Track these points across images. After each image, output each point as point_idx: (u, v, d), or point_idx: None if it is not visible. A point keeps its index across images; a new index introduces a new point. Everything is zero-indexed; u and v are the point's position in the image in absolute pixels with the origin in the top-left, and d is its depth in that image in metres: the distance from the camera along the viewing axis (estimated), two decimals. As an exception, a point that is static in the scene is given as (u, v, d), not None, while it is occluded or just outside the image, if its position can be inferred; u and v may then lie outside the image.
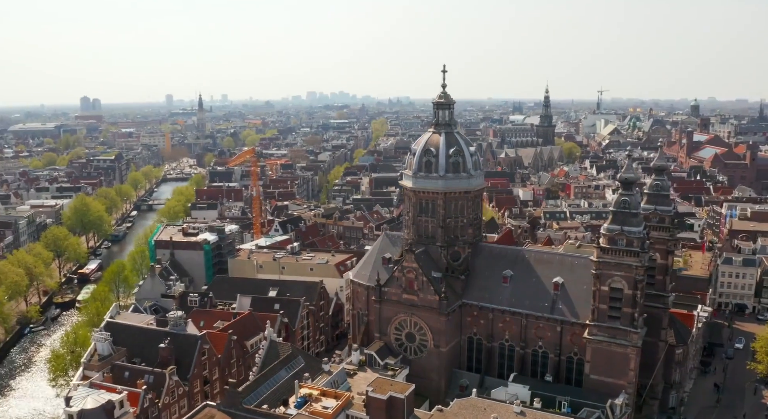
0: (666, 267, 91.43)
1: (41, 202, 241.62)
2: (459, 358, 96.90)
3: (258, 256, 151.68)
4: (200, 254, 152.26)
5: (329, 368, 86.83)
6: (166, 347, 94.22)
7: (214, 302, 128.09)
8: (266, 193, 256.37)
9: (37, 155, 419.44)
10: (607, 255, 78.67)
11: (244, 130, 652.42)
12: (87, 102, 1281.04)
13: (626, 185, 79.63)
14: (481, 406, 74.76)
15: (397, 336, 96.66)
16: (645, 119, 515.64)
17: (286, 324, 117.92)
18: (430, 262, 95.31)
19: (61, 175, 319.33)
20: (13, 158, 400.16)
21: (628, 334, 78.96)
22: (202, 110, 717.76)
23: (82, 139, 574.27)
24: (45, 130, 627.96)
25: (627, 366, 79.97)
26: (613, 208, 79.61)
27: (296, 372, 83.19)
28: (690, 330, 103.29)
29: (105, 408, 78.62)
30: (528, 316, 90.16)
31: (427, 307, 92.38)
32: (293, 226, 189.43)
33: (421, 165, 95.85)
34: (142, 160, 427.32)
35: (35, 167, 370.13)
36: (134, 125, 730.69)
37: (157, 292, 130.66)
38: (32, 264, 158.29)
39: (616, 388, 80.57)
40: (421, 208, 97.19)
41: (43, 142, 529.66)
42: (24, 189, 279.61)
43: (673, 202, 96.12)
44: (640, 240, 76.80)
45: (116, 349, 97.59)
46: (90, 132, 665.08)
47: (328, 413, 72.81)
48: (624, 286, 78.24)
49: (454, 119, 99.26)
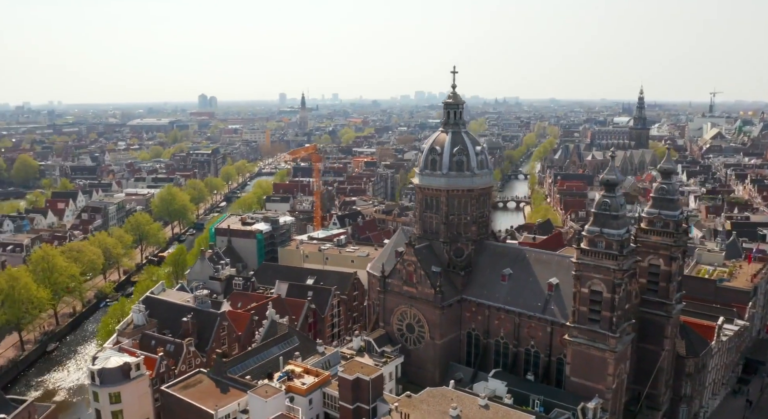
0: (669, 274, 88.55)
1: (135, 191, 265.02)
2: (458, 352, 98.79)
3: (305, 247, 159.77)
4: (253, 242, 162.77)
5: (323, 350, 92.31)
6: (188, 321, 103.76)
7: (256, 286, 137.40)
8: (339, 188, 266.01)
9: (146, 148, 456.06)
10: (587, 257, 78.08)
11: (342, 128, 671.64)
12: (204, 99, 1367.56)
13: (608, 187, 78.56)
14: (449, 396, 77.04)
15: (399, 326, 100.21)
16: (757, 123, 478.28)
17: (314, 310, 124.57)
18: (432, 257, 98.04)
19: (161, 166, 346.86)
20: (124, 150, 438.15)
21: (606, 338, 77.90)
22: (305, 108, 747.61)
23: (191, 134, 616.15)
24: (159, 125, 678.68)
25: (605, 370, 78.71)
26: (594, 210, 78.87)
27: (288, 350, 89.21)
28: (707, 343, 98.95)
29: (122, 368, 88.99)
30: (521, 315, 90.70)
31: (424, 300, 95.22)
32: (351, 221, 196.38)
33: (427, 162, 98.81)
34: (239, 154, 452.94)
35: (143, 159, 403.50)
36: (241, 122, 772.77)
37: (206, 275, 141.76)
38: (111, 246, 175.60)
39: (594, 392, 79.62)
40: (426, 205, 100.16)
41: (155, 136, 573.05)
42: (126, 178, 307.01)
43: (680, 207, 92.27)
44: (619, 243, 75.65)
45: (149, 320, 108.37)
46: (201, 128, 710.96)
47: (302, 388, 78.32)
48: (603, 289, 77.37)
49: (462, 119, 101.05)
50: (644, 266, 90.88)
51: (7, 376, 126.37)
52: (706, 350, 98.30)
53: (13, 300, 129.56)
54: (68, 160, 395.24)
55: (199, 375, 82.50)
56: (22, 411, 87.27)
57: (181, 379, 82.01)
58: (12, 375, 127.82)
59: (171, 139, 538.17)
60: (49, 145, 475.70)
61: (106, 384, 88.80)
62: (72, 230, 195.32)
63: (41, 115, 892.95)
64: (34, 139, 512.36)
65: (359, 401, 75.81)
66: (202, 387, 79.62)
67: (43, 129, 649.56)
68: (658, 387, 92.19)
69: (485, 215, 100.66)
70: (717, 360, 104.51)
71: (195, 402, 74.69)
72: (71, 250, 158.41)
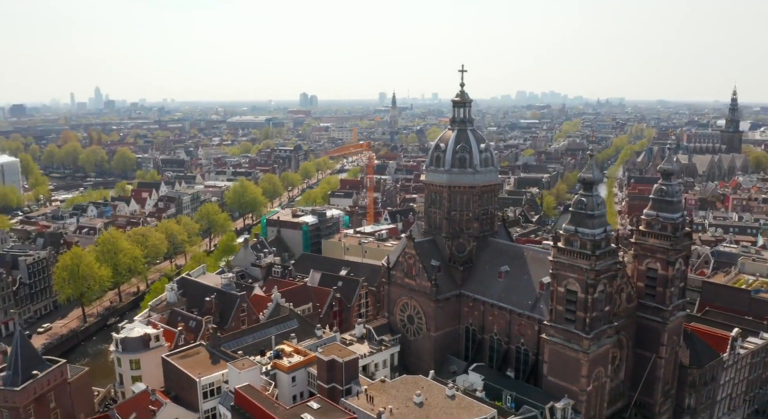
0: (666, 279, 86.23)
1: (214, 183, 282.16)
2: (457, 346, 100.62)
3: (348, 240, 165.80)
4: (299, 233, 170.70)
5: (321, 334, 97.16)
6: (211, 300, 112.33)
7: (293, 274, 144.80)
8: (404, 186, 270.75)
9: (238, 144, 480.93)
10: (563, 255, 77.83)
11: (431, 128, 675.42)
12: (305, 98, 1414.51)
13: (586, 185, 77.86)
14: (421, 384, 79.55)
15: (401, 316, 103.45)
16: None
17: (340, 299, 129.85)
18: (433, 251, 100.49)
19: (245, 161, 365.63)
20: (216, 145, 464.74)
21: (580, 339, 77.40)
22: (395, 107, 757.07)
23: (284, 131, 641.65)
24: (256, 122, 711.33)
25: (579, 371, 78.29)
26: (571, 209, 78.55)
27: (286, 331, 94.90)
28: (717, 354, 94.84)
29: (143, 339, 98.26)
30: (512, 312, 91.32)
31: (422, 292, 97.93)
32: (402, 217, 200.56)
33: (432, 159, 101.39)
34: (323, 151, 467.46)
35: (232, 154, 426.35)
36: (334, 120, 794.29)
37: (249, 261, 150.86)
38: (177, 232, 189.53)
39: (570, 393, 79.37)
40: (431, 200, 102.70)
41: (250, 132, 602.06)
42: (210, 171, 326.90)
43: (681, 210, 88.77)
44: (593, 243, 75.03)
45: (180, 299, 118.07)
46: (295, 125, 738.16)
47: (285, 365, 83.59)
48: (578, 289, 77.06)
49: (470, 117, 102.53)
50: (642, 269, 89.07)
51: (68, 344, 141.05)
52: (714, 362, 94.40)
53: (76, 277, 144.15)
54: (165, 153, 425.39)
55: (199, 347, 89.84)
56: (54, 371, 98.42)
57: (182, 350, 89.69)
58: (72, 343, 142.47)
59: (263, 135, 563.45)
60: (151, 139, 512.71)
61: (127, 352, 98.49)
62: (147, 217, 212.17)
63: (152, 112, 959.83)
64: (138, 133, 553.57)
65: (334, 381, 79.79)
66: (198, 357, 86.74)
67: (149, 124, 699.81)
68: (654, 395, 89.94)
69: (489, 212, 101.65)
70: (733, 375, 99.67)
71: (185, 369, 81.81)
72: (136, 235, 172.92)
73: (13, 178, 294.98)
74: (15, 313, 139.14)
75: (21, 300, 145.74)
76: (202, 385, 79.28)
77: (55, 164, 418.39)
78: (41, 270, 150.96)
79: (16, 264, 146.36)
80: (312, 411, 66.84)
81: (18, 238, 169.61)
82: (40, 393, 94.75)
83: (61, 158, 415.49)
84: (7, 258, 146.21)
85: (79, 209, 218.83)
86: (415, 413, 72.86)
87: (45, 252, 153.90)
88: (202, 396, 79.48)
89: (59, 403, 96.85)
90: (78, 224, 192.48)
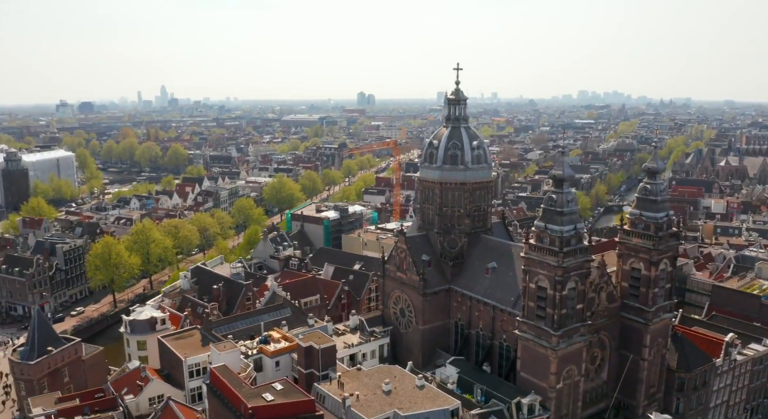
0: (649, 279, 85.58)
1: (255, 179, 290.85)
2: (447, 340, 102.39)
3: (367, 236, 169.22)
4: (321, 228, 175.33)
5: (313, 323, 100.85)
6: (218, 288, 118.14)
7: (309, 267, 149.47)
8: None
9: (287, 142, 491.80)
10: (534, 252, 78.61)
11: (482, 127, 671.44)
12: (362, 97, 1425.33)
13: (556, 182, 78.18)
14: (394, 373, 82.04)
15: (394, 309, 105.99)
16: None
17: (349, 292, 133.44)
18: (425, 246, 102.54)
19: (289, 158, 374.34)
20: (267, 143, 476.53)
21: (549, 336, 78.06)
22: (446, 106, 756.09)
23: (336, 129, 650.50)
24: (310, 120, 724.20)
25: (548, 368, 78.93)
26: (542, 205, 79.26)
27: (277, 319, 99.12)
28: (710, 359, 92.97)
29: (149, 321, 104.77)
30: (495, 308, 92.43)
31: (411, 286, 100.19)
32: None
33: (426, 156, 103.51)
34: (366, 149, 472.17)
35: (281, 151, 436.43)
36: (387, 119, 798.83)
37: (268, 253, 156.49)
38: (209, 225, 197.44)
39: (540, 389, 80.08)
40: (425, 196, 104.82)
41: (302, 130, 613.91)
42: (255, 168, 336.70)
43: (665, 209, 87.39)
44: (561, 240, 75.54)
45: (192, 286, 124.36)
46: (349, 124, 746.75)
47: (270, 351, 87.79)
48: (547, 286, 77.85)
49: (465, 114, 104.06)
50: (626, 269, 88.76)
51: (97, 327, 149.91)
52: (706, 367, 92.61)
53: (107, 264, 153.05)
54: (218, 150, 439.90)
55: (194, 330, 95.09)
56: (69, 348, 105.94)
57: (177, 332, 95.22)
58: (101, 326, 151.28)
59: (313, 133, 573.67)
60: (206, 136, 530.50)
61: (135, 333, 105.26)
62: (184, 210, 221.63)
63: (213, 110, 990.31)
64: (194, 130, 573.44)
65: (312, 367, 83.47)
66: (190, 340, 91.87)
67: (207, 122, 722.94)
68: (637, 398, 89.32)
69: (482, 209, 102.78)
70: (730, 381, 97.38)
71: (174, 349, 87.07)
72: (169, 226, 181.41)
73: (69, 171, 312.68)
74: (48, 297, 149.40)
75: (57, 285, 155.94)
76: (188, 365, 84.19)
77: (113, 159, 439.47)
78: (77, 258, 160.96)
79: (54, 251, 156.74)
80: (274, 392, 70.38)
81: (61, 228, 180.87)
82: (54, 368, 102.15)
83: (118, 153, 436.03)
84: (46, 246, 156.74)
85: (122, 201, 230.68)
86: (381, 400, 75.50)
87: (81, 241, 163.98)
88: (188, 375, 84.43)
89: (73, 378, 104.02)
90: (117, 215, 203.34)
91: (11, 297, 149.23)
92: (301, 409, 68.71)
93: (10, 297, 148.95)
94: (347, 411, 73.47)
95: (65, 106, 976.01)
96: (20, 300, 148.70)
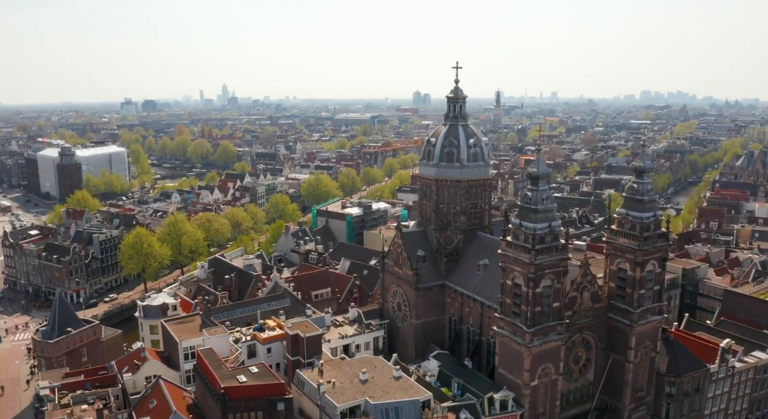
0: (634, 280, 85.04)
1: (295, 176, 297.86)
2: (441, 335, 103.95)
3: (388, 232, 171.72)
4: (343, 224, 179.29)
5: (311, 313, 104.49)
6: (230, 278, 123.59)
7: (328, 261, 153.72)
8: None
9: (335, 140, 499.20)
10: (510, 249, 79.59)
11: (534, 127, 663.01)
12: (418, 96, 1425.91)
13: (532, 180, 78.78)
14: (375, 364, 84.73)
15: (392, 303, 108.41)
16: None
17: (360, 286, 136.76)
18: (422, 242, 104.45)
19: (333, 156, 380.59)
20: (315, 141, 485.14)
21: (524, 333, 78.91)
22: (499, 106, 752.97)
23: (386, 128, 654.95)
24: (361, 119, 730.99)
25: (522, 365, 79.67)
26: (519, 202, 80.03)
27: (276, 308, 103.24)
28: (703, 365, 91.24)
29: (161, 307, 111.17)
30: (483, 305, 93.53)
31: (406, 280, 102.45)
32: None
33: (424, 153, 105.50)
34: (415, 148, 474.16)
35: (328, 149, 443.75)
36: (436, 118, 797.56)
37: (288, 247, 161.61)
38: (242, 219, 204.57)
39: (514, 386, 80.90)
40: (423, 193, 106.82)
41: (351, 129, 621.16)
42: (299, 165, 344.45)
43: (653, 209, 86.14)
44: (534, 238, 76.17)
45: (208, 275, 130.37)
46: (400, 123, 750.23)
47: (262, 337, 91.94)
48: (522, 283, 78.74)
49: (464, 112, 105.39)
50: (613, 269, 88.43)
51: (127, 313, 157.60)
52: (699, 372, 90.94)
53: (139, 254, 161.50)
54: (267, 147, 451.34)
55: (196, 316, 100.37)
56: (87, 330, 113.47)
57: (180, 317, 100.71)
58: (131, 312, 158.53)
59: (362, 131, 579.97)
60: (258, 133, 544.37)
61: (147, 318, 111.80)
62: (221, 205, 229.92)
63: (270, 108, 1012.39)
64: (248, 128, 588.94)
65: (298, 354, 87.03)
66: (191, 325, 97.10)
67: (262, 120, 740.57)
68: (622, 400, 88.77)
69: (479, 206, 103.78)
70: (728, 389, 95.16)
71: (173, 333, 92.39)
72: (201, 219, 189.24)
73: (120, 166, 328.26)
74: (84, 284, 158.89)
75: (93, 273, 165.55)
76: (183, 347, 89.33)
77: (168, 155, 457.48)
78: (112, 247, 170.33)
79: (91, 240, 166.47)
80: (249, 375, 74.45)
81: (102, 219, 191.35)
82: (72, 347, 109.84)
83: (172, 150, 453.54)
84: (84, 235, 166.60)
85: (164, 195, 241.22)
86: (356, 388, 78.26)
87: (117, 231, 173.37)
88: (183, 357, 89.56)
89: (91, 358, 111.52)
90: (155, 208, 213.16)
91: (50, 282, 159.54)
92: (272, 391, 72.60)
93: (49, 283, 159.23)
94: (321, 396, 76.70)
95: (129, 104, 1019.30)
96: (58, 286, 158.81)
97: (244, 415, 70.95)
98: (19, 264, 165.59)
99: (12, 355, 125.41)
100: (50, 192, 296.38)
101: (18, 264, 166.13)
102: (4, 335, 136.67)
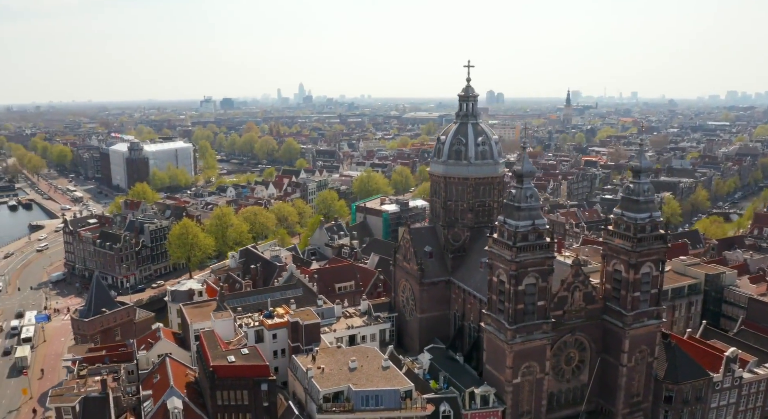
0: (628, 282, 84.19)
1: (349, 173, 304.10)
2: (446, 330, 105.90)
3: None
4: (380, 220, 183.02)
5: (322, 303, 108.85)
6: (255, 268, 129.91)
7: (359, 256, 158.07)
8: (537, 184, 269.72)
9: (397, 138, 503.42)
10: (495, 246, 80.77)
11: (604, 127, 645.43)
12: (491, 95, 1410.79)
13: (518, 178, 79.39)
14: (367, 354, 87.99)
15: (402, 297, 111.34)
16: None
17: (385, 281, 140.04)
18: (431, 238, 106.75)
19: (391, 155, 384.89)
20: (378, 139, 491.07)
21: (506, 330, 79.93)
22: (569, 106, 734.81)
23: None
24: (429, 118, 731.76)
25: (505, 362, 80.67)
26: (505, 200, 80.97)
27: (287, 297, 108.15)
28: (706, 373, 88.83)
29: (188, 292, 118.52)
30: (482, 302, 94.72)
31: (412, 275, 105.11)
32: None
33: (435, 151, 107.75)
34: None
35: (390, 148, 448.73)
36: (507, 117, 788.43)
37: (322, 241, 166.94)
38: (287, 213, 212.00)
39: (498, 382, 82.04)
40: (433, 190, 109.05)
41: (418, 127, 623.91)
42: (357, 162, 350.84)
43: (649, 210, 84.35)
44: (516, 235, 76.94)
45: (238, 264, 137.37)
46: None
47: (268, 323, 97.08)
48: (505, 280, 79.81)
49: (476, 111, 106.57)
50: (609, 271, 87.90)
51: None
52: (701, 381, 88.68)
53: (185, 243, 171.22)
54: (331, 145, 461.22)
55: (212, 302, 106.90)
56: (121, 311, 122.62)
57: (198, 302, 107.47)
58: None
59: (426, 130, 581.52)
60: (324, 131, 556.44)
61: (175, 302, 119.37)
62: (271, 200, 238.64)
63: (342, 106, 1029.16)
64: (316, 126, 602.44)
65: (297, 341, 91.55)
66: (206, 309, 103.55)
67: (332, 118, 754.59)
68: (615, 404, 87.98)
69: (487, 204, 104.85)
70: (735, 400, 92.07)
71: (187, 316, 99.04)
72: (247, 213, 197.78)
73: (186, 161, 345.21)
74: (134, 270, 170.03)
75: (143, 260, 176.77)
76: (193, 329, 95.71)
77: (236, 151, 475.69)
78: (161, 237, 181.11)
79: (142, 229, 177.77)
80: (239, 356, 79.55)
81: (157, 210, 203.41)
82: (107, 326, 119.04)
83: (240, 146, 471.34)
84: (136, 224, 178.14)
85: (220, 189, 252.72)
86: (343, 375, 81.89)
87: (167, 222, 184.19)
88: (194, 338, 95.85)
89: (124, 337, 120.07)
90: (207, 201, 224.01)
91: (103, 268, 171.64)
92: (256, 372, 77.44)
93: (102, 268, 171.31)
94: (308, 381, 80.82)
95: (208, 102, 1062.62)
96: (110, 271, 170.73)
97: (230, 393, 76.08)
98: (77, 250, 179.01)
99: (59, 333, 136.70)
100: (120, 184, 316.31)
101: (76, 250, 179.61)
102: (55, 315, 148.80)
